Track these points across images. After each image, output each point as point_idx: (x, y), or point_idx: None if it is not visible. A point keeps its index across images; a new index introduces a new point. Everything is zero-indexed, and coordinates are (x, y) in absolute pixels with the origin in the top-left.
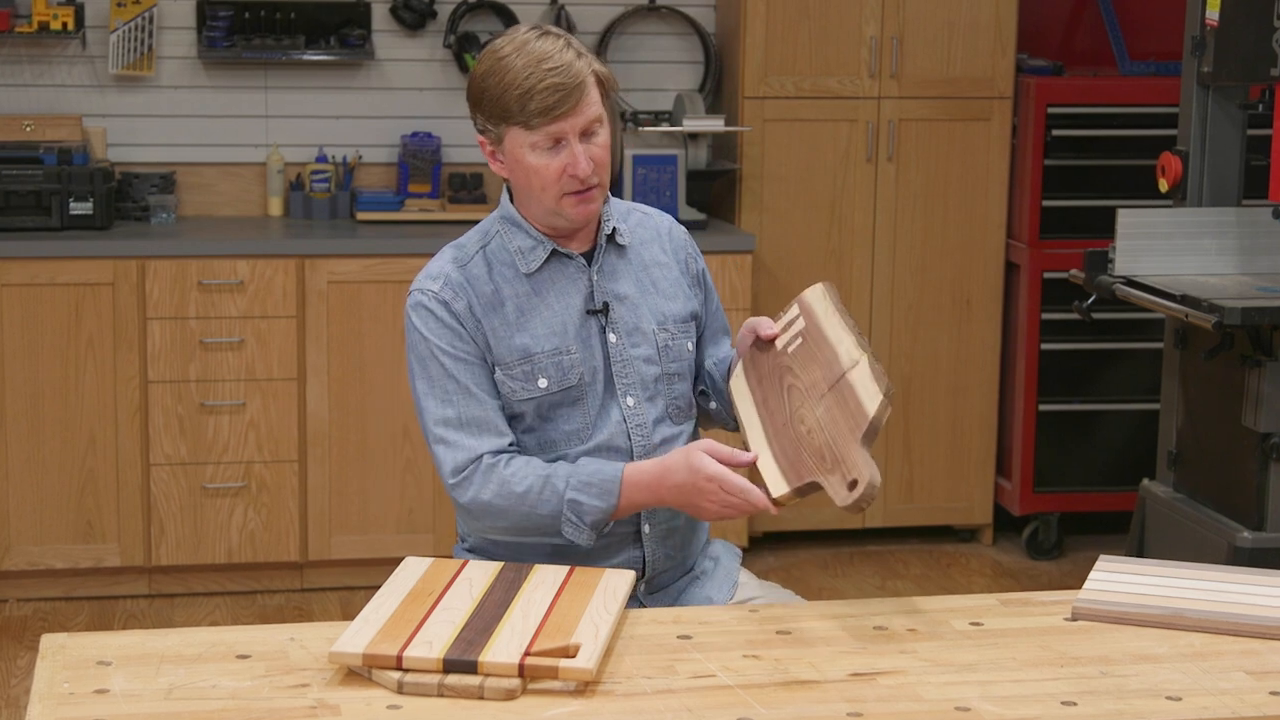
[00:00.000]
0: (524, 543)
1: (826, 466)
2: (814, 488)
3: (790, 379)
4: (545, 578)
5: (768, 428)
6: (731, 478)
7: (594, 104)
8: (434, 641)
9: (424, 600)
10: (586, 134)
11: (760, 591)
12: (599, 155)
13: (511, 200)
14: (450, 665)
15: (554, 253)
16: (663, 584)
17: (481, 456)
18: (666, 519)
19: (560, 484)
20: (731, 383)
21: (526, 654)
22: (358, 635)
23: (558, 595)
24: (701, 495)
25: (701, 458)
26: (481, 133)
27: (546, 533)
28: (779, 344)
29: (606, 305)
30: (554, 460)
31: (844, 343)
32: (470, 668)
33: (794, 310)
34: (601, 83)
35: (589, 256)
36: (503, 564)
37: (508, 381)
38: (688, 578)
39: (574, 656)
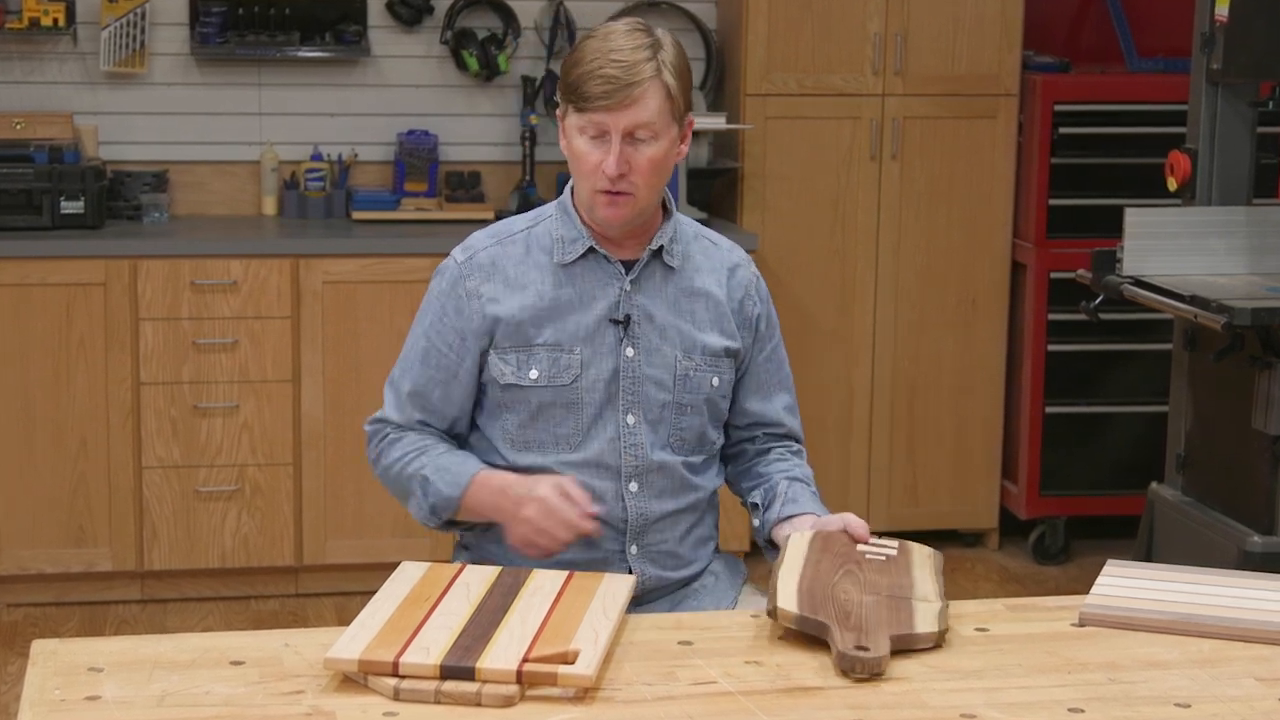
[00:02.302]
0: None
1: (848, 625)
2: (820, 627)
3: (853, 568)
4: (543, 583)
5: (806, 571)
6: (573, 488)
7: (647, 110)
8: (431, 647)
9: (421, 605)
10: (632, 137)
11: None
12: (640, 163)
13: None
14: (447, 671)
15: (593, 251)
16: (652, 599)
17: (390, 424)
18: (655, 541)
19: (426, 459)
20: (794, 535)
21: (525, 660)
22: (353, 641)
23: (556, 600)
24: (526, 504)
25: (557, 477)
26: (558, 106)
27: (404, 498)
28: (861, 546)
29: (629, 318)
30: (538, 470)
31: (926, 585)
32: (468, 674)
33: (894, 542)
34: (670, 96)
35: (630, 266)
36: (500, 569)
37: (499, 364)
38: (682, 592)
39: (573, 662)
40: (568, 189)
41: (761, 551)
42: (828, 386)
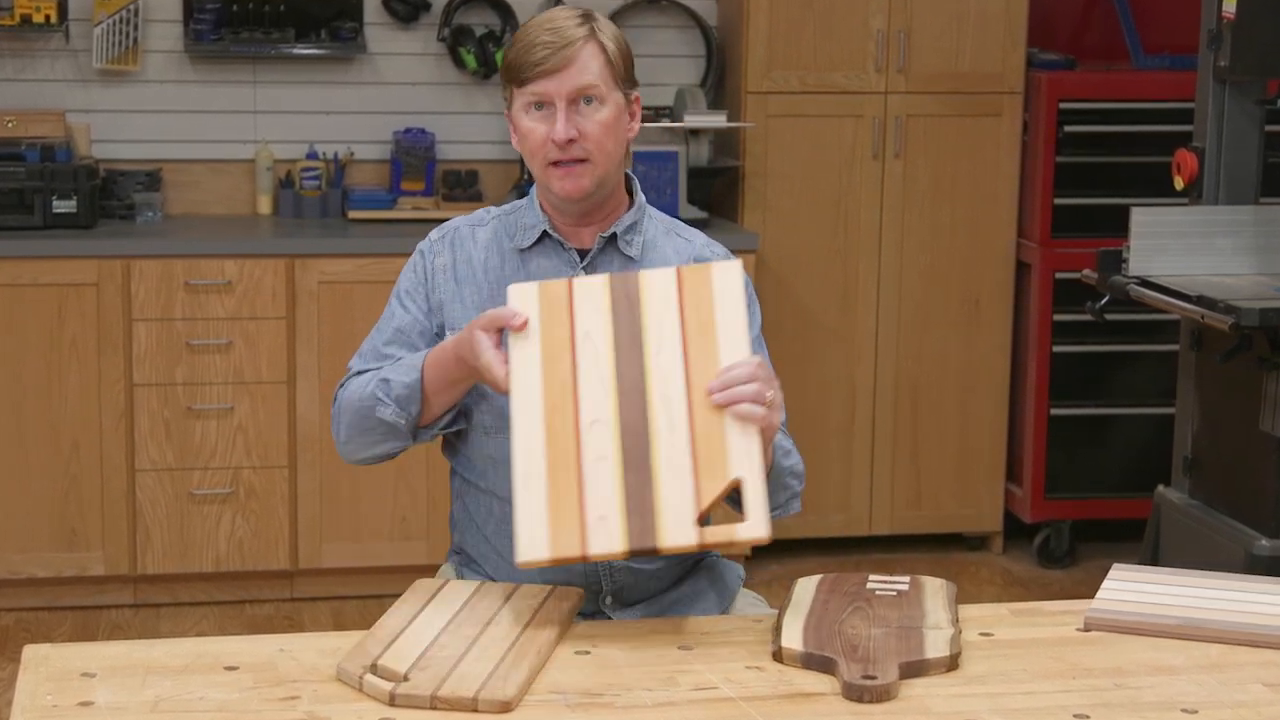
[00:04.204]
0: (483, 549)
1: (855, 656)
2: (826, 663)
3: (862, 605)
4: (657, 291)
5: (814, 610)
6: (500, 311)
7: (588, 71)
8: (608, 516)
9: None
10: (577, 103)
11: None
12: (590, 129)
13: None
14: (636, 553)
15: (549, 237)
16: (633, 597)
17: (350, 374)
18: None
19: (383, 371)
20: (801, 579)
21: (700, 518)
22: (535, 539)
23: (685, 356)
24: (469, 340)
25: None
26: (505, 100)
27: (374, 428)
28: (872, 584)
29: None
30: (504, 466)
31: (939, 613)
32: (652, 553)
33: (905, 578)
34: (609, 61)
35: (585, 255)
36: (609, 277)
37: None
38: (674, 593)
39: (737, 493)
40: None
41: (765, 554)
42: (829, 387)
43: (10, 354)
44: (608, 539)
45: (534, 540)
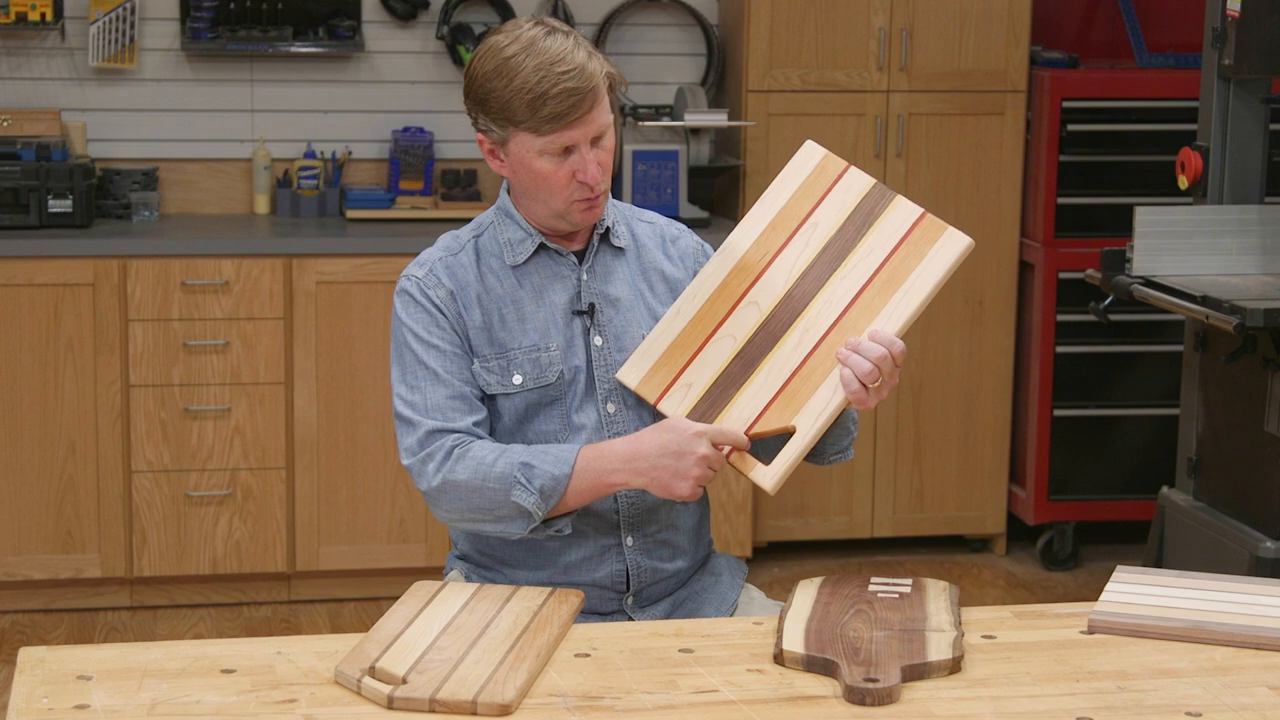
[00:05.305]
0: (502, 553)
1: (857, 659)
2: (828, 665)
3: (864, 607)
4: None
5: (815, 613)
6: (724, 428)
7: (606, 110)
8: (686, 399)
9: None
10: (595, 140)
11: (762, 614)
12: (606, 160)
13: (510, 192)
14: (695, 414)
15: (543, 247)
16: (652, 596)
17: (442, 436)
18: (652, 532)
19: (516, 452)
20: (802, 582)
21: (748, 431)
22: (635, 369)
23: (858, 296)
24: (685, 455)
25: (682, 418)
26: (483, 132)
27: (498, 508)
28: (874, 586)
29: (593, 306)
30: None
31: (941, 616)
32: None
33: (908, 580)
34: (612, 89)
35: (582, 256)
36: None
37: (483, 374)
38: (684, 590)
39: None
40: (504, 195)
41: (766, 557)
42: None
43: (6, 355)
44: (676, 405)
45: (635, 369)
